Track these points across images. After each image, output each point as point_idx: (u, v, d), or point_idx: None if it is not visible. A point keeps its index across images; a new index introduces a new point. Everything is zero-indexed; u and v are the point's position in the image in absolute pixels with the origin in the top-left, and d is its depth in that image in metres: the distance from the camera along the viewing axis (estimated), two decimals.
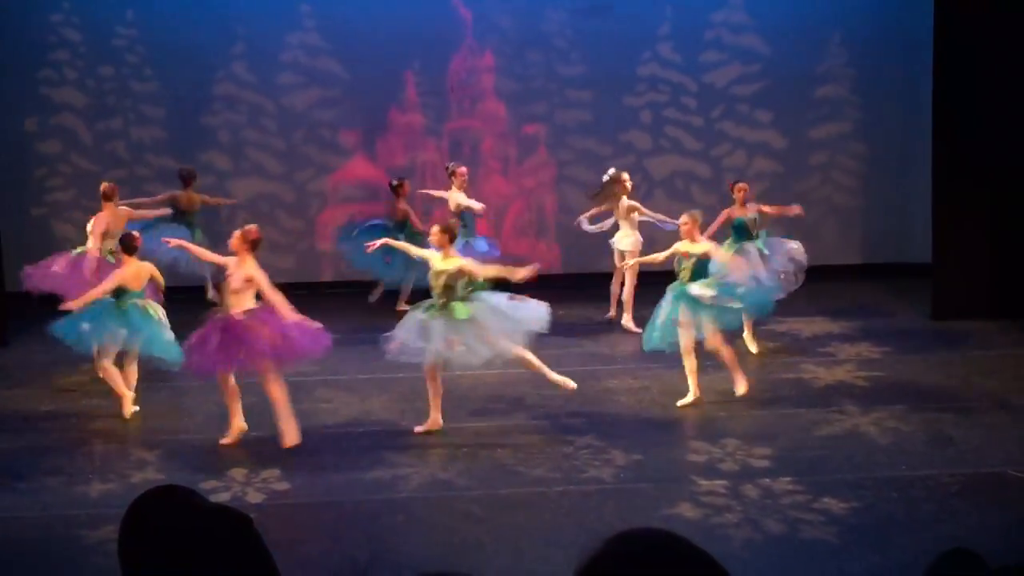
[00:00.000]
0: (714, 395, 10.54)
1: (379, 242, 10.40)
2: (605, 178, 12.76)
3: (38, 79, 14.46)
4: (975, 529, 7.62)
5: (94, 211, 11.91)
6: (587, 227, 13.04)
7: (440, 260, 9.52)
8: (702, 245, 10.17)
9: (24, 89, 14.41)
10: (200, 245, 13.09)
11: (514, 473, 8.87)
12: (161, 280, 10.36)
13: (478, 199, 13.33)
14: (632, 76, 14.90)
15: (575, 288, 14.34)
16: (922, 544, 7.36)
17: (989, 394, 10.43)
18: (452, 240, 9.62)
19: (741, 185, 12.08)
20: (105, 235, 11.33)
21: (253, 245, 9.34)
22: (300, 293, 14.53)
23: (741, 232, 11.91)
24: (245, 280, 9.16)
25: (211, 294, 13.33)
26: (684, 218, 10.33)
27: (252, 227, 9.59)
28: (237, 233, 9.44)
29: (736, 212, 11.96)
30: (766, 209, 12.10)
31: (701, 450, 9.23)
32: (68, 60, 14.52)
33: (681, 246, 10.22)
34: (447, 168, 13.31)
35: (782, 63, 14.90)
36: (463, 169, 13.12)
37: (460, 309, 9.40)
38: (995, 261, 12.74)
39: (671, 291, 10.19)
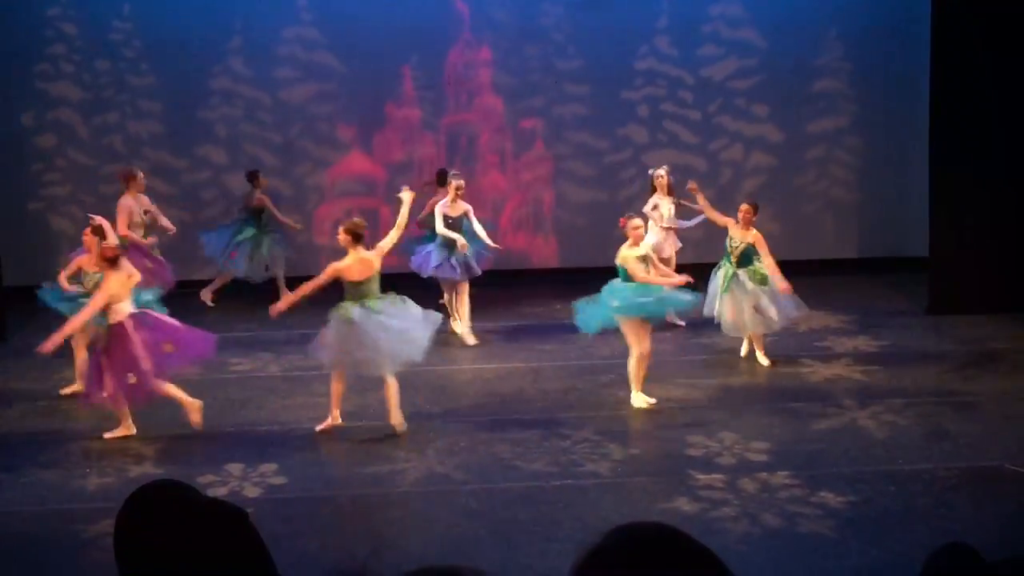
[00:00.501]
0: (712, 390, 10.55)
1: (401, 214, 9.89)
2: (650, 172, 12.64)
3: (34, 73, 14.44)
4: (972, 523, 7.63)
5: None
6: (682, 224, 12.59)
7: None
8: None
9: (20, 83, 14.39)
10: (261, 246, 13.61)
11: (512, 467, 8.88)
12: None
13: (475, 195, 13.28)
14: (629, 70, 14.89)
15: (572, 283, 14.33)
16: (919, 538, 7.37)
17: (986, 389, 10.44)
18: (356, 240, 9.32)
19: (744, 207, 11.09)
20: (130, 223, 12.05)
21: (111, 263, 9.36)
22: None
23: (727, 252, 11.13)
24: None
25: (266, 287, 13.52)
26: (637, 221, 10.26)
27: (108, 244, 9.74)
28: (96, 250, 9.59)
29: (733, 230, 11.07)
30: (761, 248, 10.93)
31: (698, 444, 9.23)
32: (64, 54, 14.50)
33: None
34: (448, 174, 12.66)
35: (779, 57, 14.89)
36: (460, 183, 12.20)
37: (346, 310, 9.32)
38: (992, 256, 12.74)
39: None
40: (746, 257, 11.02)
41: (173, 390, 9.48)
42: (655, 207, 12.53)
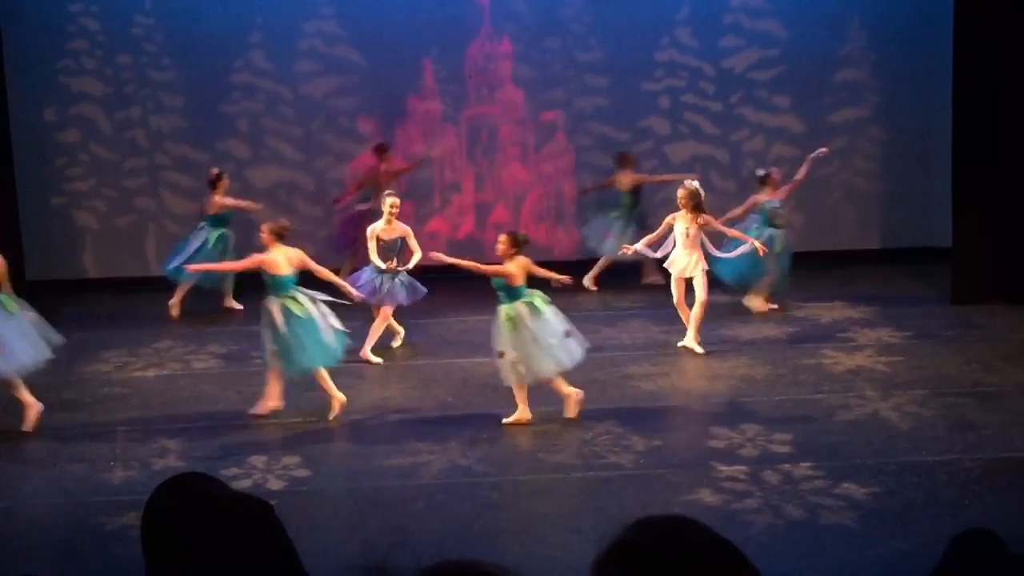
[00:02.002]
0: (734, 381, 10.53)
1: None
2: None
3: (57, 69, 14.49)
4: (997, 514, 7.60)
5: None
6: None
7: None
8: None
9: (43, 79, 14.45)
10: (628, 226, 13.55)
11: (534, 459, 8.89)
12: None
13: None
14: (650, 61, 14.85)
15: None
16: (943, 529, 7.32)
17: (1010, 379, 10.39)
18: None
19: (501, 237, 9.81)
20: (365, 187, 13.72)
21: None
22: (320, 281, 14.66)
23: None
24: None
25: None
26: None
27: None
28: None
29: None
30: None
31: (721, 436, 9.22)
32: (87, 50, 14.54)
33: None
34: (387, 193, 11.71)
35: (801, 47, 14.82)
36: (394, 200, 11.33)
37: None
38: (1016, 245, 12.65)
39: None
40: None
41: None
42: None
